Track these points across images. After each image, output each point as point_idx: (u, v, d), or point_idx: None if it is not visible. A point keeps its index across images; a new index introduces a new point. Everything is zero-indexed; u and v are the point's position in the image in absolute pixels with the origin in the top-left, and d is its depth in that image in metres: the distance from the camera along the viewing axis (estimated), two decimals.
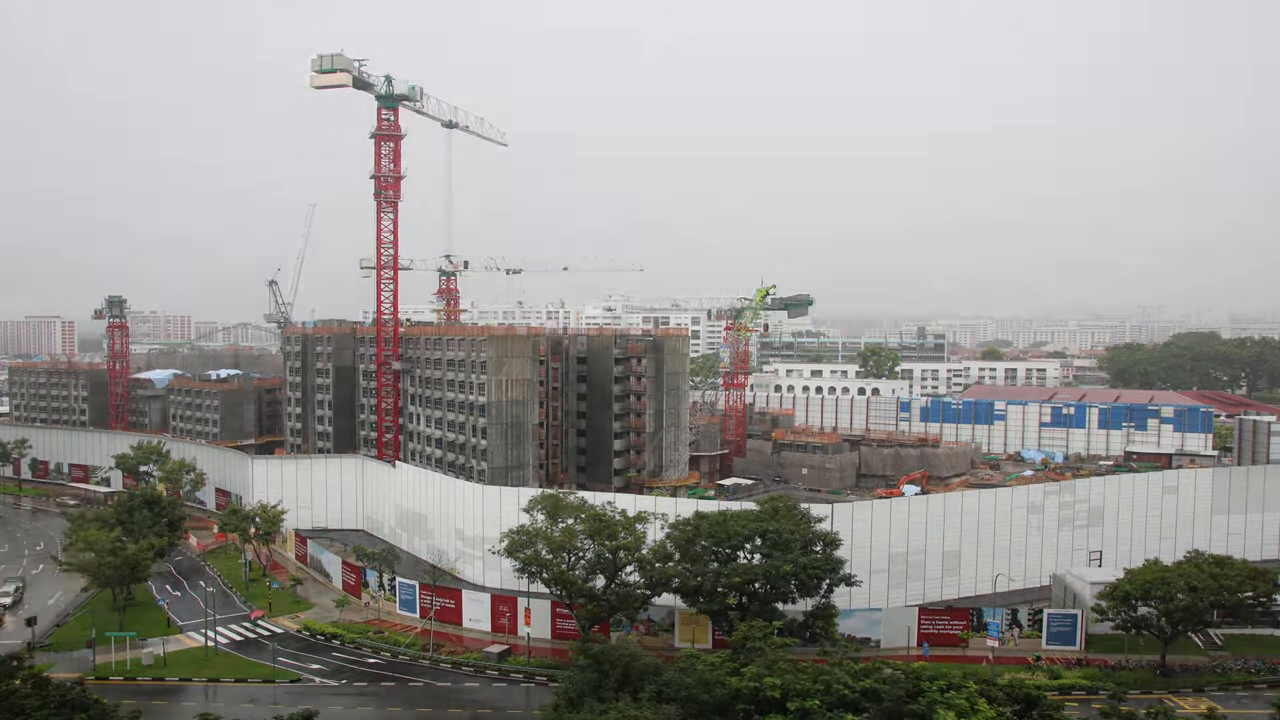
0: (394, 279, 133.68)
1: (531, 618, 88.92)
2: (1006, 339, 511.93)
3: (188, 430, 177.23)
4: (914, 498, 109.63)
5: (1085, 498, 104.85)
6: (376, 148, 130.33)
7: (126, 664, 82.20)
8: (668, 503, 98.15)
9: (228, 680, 79.13)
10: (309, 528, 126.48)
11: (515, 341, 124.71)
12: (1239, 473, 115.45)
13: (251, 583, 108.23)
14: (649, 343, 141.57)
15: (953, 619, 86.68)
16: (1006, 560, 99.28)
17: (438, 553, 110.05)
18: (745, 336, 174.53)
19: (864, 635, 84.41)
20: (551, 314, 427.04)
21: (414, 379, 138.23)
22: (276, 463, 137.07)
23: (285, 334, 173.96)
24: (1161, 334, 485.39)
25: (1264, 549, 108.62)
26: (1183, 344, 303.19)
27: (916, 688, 53.77)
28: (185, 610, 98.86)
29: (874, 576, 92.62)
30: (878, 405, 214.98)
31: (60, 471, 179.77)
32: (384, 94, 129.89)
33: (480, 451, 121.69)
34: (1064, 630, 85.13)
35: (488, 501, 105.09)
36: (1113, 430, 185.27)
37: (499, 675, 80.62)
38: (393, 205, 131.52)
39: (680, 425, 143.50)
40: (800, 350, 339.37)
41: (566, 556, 79.69)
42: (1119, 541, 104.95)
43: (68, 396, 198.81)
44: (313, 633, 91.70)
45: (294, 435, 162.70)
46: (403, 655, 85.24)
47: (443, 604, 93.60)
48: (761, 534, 78.94)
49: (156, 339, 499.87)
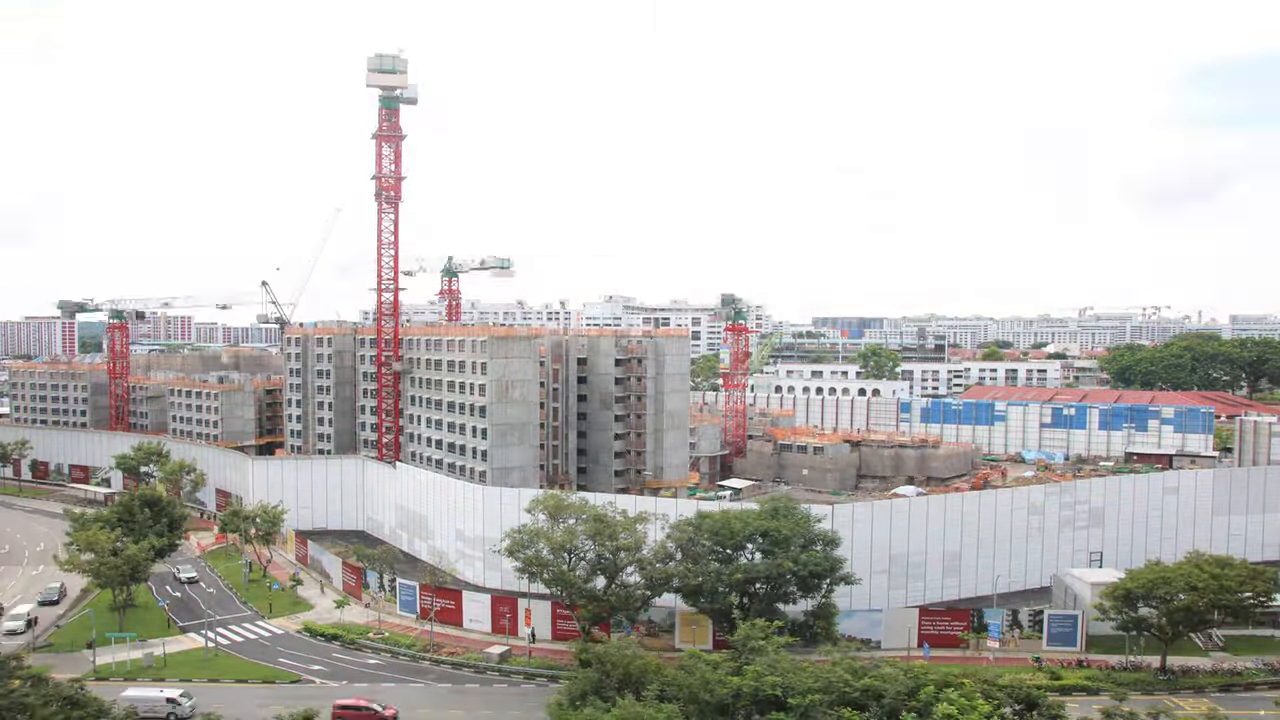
0: (394, 279, 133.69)
1: (532, 618, 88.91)
2: (1007, 340, 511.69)
3: (188, 431, 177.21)
4: (914, 498, 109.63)
5: (1086, 499, 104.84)
6: (378, 148, 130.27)
7: (127, 665, 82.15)
8: (668, 503, 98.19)
9: (228, 681, 79.11)
10: (309, 528, 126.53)
11: (515, 342, 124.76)
12: (1239, 473, 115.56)
13: (252, 583, 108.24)
14: (649, 343, 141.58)
15: (953, 620, 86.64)
16: (1007, 561, 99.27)
17: (438, 553, 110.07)
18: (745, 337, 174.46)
19: (865, 636, 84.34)
20: (552, 315, 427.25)
21: (414, 380, 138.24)
22: (277, 463, 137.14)
23: (285, 335, 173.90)
24: (1162, 335, 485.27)
25: (1265, 549, 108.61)
26: (1183, 345, 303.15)
27: (916, 686, 53.84)
28: (185, 611, 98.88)
29: (874, 577, 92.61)
30: (878, 406, 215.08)
31: (60, 472, 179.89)
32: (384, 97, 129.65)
33: (480, 453, 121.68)
34: (1064, 631, 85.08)
35: (488, 502, 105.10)
36: (1113, 431, 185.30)
37: (500, 676, 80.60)
38: (393, 206, 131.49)
39: (680, 426, 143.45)
40: (800, 351, 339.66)
41: (567, 557, 79.73)
42: (1119, 542, 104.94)
43: (68, 398, 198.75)
44: (313, 633, 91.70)
45: (294, 436, 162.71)
46: (403, 656, 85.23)
47: (443, 605, 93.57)
48: (762, 533, 79.00)
49: (157, 340, 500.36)
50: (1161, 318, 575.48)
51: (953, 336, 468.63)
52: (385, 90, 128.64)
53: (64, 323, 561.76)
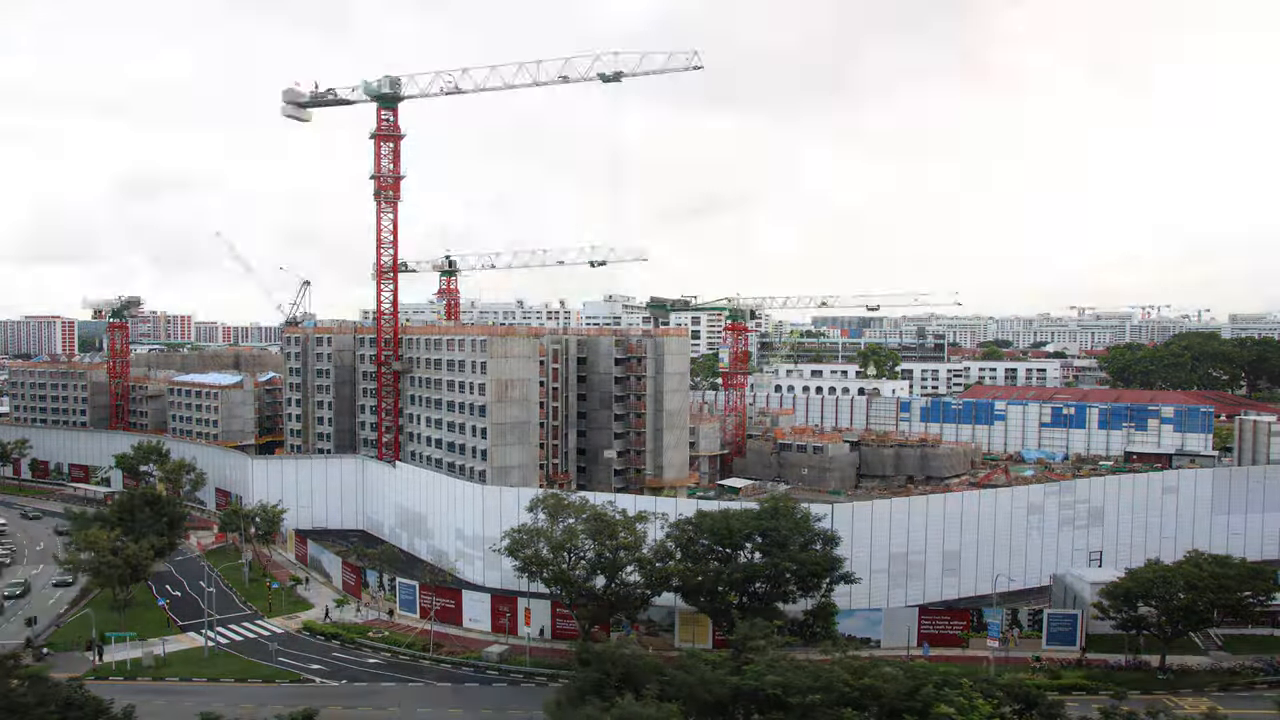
0: (394, 279, 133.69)
1: (531, 618, 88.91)
2: (1006, 339, 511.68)
3: (187, 431, 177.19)
4: (914, 498, 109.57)
5: (1085, 498, 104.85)
6: (376, 148, 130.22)
7: (127, 664, 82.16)
8: (668, 502, 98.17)
9: (228, 680, 79.11)
10: (309, 528, 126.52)
11: (515, 342, 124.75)
12: (1239, 473, 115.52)
13: (252, 583, 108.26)
14: (649, 343, 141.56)
15: (953, 619, 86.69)
16: (1007, 560, 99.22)
17: (438, 553, 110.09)
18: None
19: (864, 635, 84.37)
20: (551, 314, 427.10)
21: (414, 379, 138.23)
22: (276, 463, 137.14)
23: (285, 334, 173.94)
24: (1161, 334, 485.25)
25: (1264, 549, 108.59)
26: (1183, 344, 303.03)
27: (916, 685, 53.85)
28: (186, 610, 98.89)
29: (874, 576, 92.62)
30: (878, 405, 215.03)
31: (60, 472, 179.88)
32: (381, 94, 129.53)
33: (480, 452, 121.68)
34: (1064, 630, 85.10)
35: (488, 502, 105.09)
36: (1113, 430, 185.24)
37: (499, 675, 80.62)
38: (392, 205, 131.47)
39: (680, 425, 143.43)
40: (800, 351, 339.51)
41: (567, 556, 79.75)
42: (1119, 541, 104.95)
43: (68, 397, 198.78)
44: (313, 633, 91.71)
45: (294, 435, 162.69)
46: (403, 655, 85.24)
47: (443, 604, 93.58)
48: (762, 532, 79.02)
49: (157, 339, 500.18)
50: (1161, 317, 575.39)
51: (952, 336, 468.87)
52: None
53: (64, 323, 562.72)
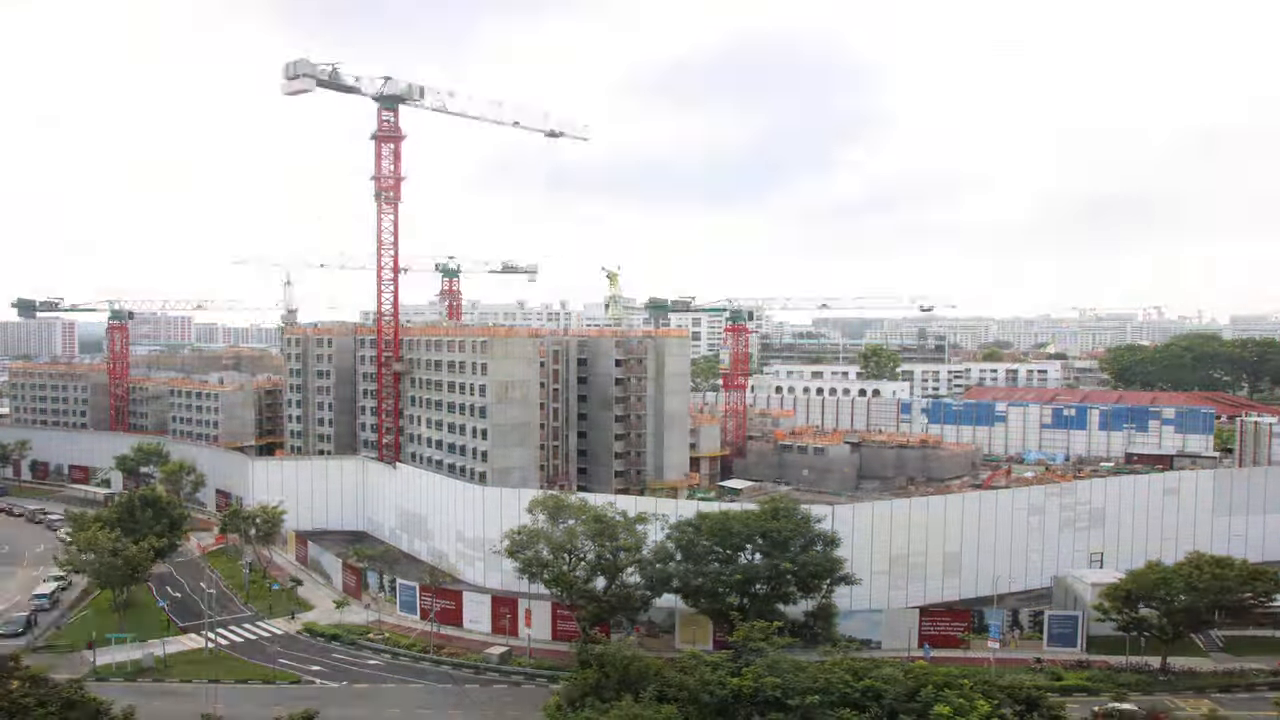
0: (394, 280, 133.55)
1: (532, 619, 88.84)
2: (1007, 340, 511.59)
3: (187, 432, 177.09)
4: (914, 499, 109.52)
5: (1086, 499, 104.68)
6: (376, 149, 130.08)
7: (127, 665, 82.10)
8: (669, 504, 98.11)
9: (228, 681, 79.02)
10: (309, 529, 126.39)
11: (515, 343, 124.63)
12: (1240, 474, 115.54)
13: (252, 584, 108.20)
14: (649, 344, 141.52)
15: (954, 620, 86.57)
16: (1007, 561, 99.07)
17: (438, 554, 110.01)
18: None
19: (865, 636, 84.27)
20: (552, 315, 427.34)
21: (414, 380, 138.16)
22: (276, 464, 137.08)
23: (285, 335, 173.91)
24: (1162, 335, 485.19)
25: (1265, 550, 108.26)
26: (1184, 345, 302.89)
27: (916, 687, 53.80)
28: (186, 611, 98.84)
29: (875, 577, 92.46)
30: (878, 406, 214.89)
31: (60, 473, 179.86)
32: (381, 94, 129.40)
33: (480, 453, 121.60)
34: (1065, 632, 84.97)
35: (488, 503, 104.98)
36: (1114, 432, 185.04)
37: (500, 676, 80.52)
38: (393, 206, 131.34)
39: (680, 426, 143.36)
40: (800, 352, 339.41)
41: (568, 557, 79.69)
42: (1120, 543, 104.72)
43: (68, 398, 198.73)
44: (313, 634, 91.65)
45: (294, 436, 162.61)
46: (403, 656, 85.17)
47: (443, 605, 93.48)
48: (763, 533, 78.96)
49: (157, 340, 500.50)
50: (1161, 318, 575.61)
51: (953, 337, 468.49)
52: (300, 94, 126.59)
53: (64, 323, 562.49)
